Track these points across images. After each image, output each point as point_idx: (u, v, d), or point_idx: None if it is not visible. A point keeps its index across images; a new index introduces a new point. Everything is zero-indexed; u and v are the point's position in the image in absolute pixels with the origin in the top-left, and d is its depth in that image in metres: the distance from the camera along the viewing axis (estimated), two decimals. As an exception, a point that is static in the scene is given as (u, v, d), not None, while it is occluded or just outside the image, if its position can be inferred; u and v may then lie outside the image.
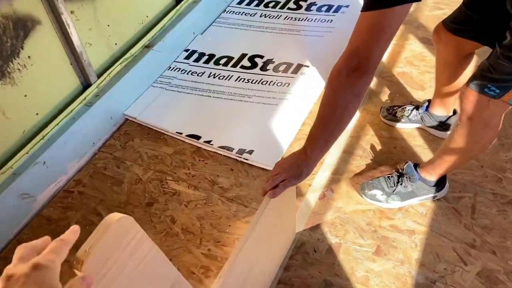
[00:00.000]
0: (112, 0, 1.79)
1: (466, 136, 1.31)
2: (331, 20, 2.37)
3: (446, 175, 1.57)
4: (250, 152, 1.76)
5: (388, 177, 1.60)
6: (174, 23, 2.10)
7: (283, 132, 1.84)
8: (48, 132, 1.62)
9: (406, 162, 1.60)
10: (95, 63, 1.79)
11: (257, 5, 2.52)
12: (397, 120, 1.84)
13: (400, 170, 1.61)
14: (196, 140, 1.83)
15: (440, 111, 1.75)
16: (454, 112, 1.77)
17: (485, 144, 1.34)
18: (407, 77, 2.06)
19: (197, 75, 2.12)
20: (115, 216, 0.67)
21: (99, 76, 1.81)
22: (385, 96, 1.99)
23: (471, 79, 1.23)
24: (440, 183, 1.56)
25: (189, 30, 2.23)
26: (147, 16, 2.01)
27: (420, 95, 1.96)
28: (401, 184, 1.56)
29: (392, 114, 1.85)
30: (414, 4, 1.05)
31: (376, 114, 1.90)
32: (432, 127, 1.80)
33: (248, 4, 2.53)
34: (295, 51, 2.21)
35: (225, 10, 2.49)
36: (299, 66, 2.12)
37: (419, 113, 1.80)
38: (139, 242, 0.73)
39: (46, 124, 1.64)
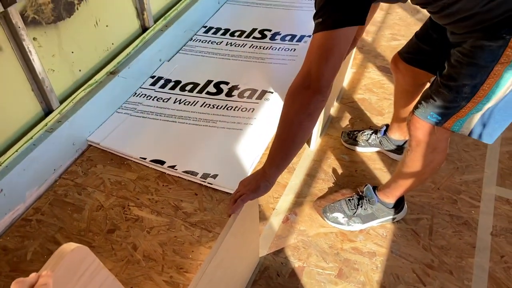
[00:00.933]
0: (77, 28, 1.80)
1: (416, 160, 1.37)
2: (295, 49, 2.45)
3: (404, 197, 1.62)
4: (215, 176, 1.77)
5: (349, 199, 1.65)
6: (140, 50, 2.12)
7: (247, 156, 1.86)
8: (6, 159, 1.58)
9: (366, 185, 1.65)
10: (58, 89, 1.77)
11: (223, 34, 2.58)
12: (357, 144, 1.91)
13: (360, 193, 1.66)
14: (160, 165, 1.82)
15: (397, 135, 1.83)
16: None
17: (434, 167, 1.40)
18: (367, 103, 2.14)
19: (163, 101, 2.14)
20: (70, 246, 0.66)
21: (61, 102, 1.79)
22: (346, 121, 2.06)
23: (415, 107, 1.31)
24: (398, 205, 1.61)
25: (156, 57, 2.25)
26: (112, 43, 2.02)
27: (379, 120, 2.04)
28: (361, 206, 1.61)
29: (352, 138, 1.93)
30: (371, 34, 1.13)
31: (337, 138, 1.96)
32: (391, 150, 1.87)
33: (215, 33, 2.59)
34: (259, 78, 2.26)
35: (192, 39, 2.54)
36: (264, 92, 2.17)
37: (378, 137, 1.88)
38: (94, 272, 0.72)
39: (4, 151, 1.60)
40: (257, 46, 2.49)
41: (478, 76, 1.13)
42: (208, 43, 2.52)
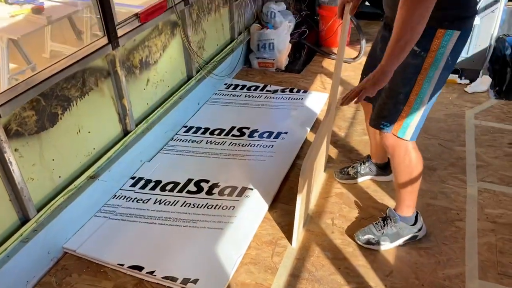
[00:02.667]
0: (59, 136, 1.85)
1: (399, 163, 1.74)
2: (272, 145, 2.55)
3: (420, 215, 1.89)
4: (195, 281, 1.72)
5: (376, 223, 1.90)
6: (121, 153, 2.17)
7: (228, 257, 1.83)
8: (-24, 274, 1.52)
9: (388, 208, 1.90)
10: (36, 197, 1.77)
11: (203, 132, 2.68)
12: (353, 178, 2.23)
13: (383, 215, 1.91)
14: (139, 272, 1.77)
15: (380, 159, 2.20)
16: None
17: (416, 164, 1.73)
18: (345, 197, 2.18)
19: (143, 202, 2.14)
20: None
21: (39, 210, 1.78)
22: (326, 215, 2.07)
23: (370, 121, 1.72)
24: (416, 222, 1.87)
25: (136, 158, 2.30)
26: (94, 148, 2.07)
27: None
28: (387, 226, 1.86)
29: (346, 174, 2.24)
30: (344, 130, 1.27)
31: (319, 234, 1.96)
32: (379, 174, 2.22)
33: (195, 132, 2.69)
34: (239, 175, 2.31)
35: (173, 138, 2.62)
36: (244, 189, 2.20)
37: (366, 166, 2.21)
38: None
39: (-25, 265, 1.54)
40: (236, 144, 2.58)
41: (407, 85, 1.55)
42: (188, 142, 2.60)
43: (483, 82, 2.97)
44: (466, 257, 1.81)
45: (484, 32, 2.89)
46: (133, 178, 2.28)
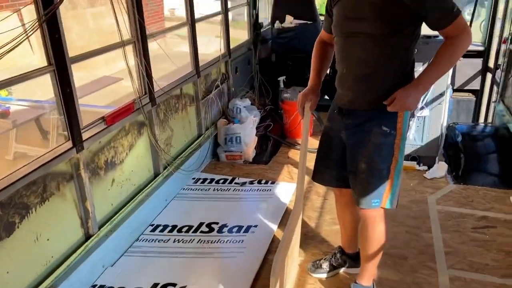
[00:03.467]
0: (15, 246, 1.75)
1: (373, 232, 1.86)
2: (242, 240, 2.49)
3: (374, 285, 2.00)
4: None
5: None
6: (82, 260, 2.06)
7: None
8: None
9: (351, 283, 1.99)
10: (-16, 316, 1.62)
11: (171, 230, 2.61)
12: (326, 271, 2.19)
13: None
14: None
15: (351, 250, 2.19)
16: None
17: (384, 232, 1.87)
18: (318, 294, 2.11)
19: (104, 313, 1.99)
20: None
21: (-14, 330, 1.61)
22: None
23: (359, 203, 1.80)
24: None
25: (98, 264, 2.18)
26: (52, 257, 1.96)
27: None
28: None
29: (319, 267, 2.21)
30: (314, 220, 1.56)
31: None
32: (351, 266, 2.18)
33: (162, 230, 2.61)
34: (209, 275, 2.21)
35: (138, 239, 2.53)
36: (213, 292, 2.10)
37: (338, 258, 2.19)
38: None
39: None
40: (205, 241, 2.51)
41: (387, 161, 1.73)
42: (155, 242, 2.51)
43: (440, 168, 3.11)
44: None
45: (434, 122, 3.10)
46: (93, 286, 2.14)
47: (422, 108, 3.05)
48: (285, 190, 3.05)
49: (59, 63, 1.89)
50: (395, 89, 1.64)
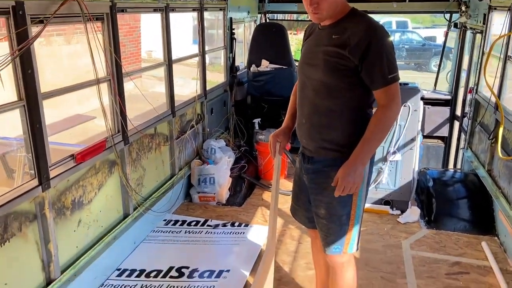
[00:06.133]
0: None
1: (343, 278, 1.84)
2: (214, 286, 2.40)
3: None
4: None
5: None
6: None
7: None
8: None
9: None
10: None
11: (138, 275, 2.48)
12: None
13: None
14: None
15: None
16: None
17: (353, 277, 1.87)
18: None
19: None
20: None
21: None
22: None
23: (323, 250, 1.80)
24: None
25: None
26: (7, 303, 1.82)
27: None
28: None
29: None
30: (288, 265, 2.31)
31: None
32: None
33: (129, 275, 2.47)
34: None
35: (103, 284, 2.38)
36: None
37: None
38: None
39: None
40: (174, 286, 2.40)
41: (347, 207, 1.72)
42: None
43: (413, 212, 3.14)
44: None
45: (406, 167, 3.16)
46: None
47: (394, 152, 3.11)
48: (259, 233, 2.99)
49: (30, 98, 1.84)
50: (352, 139, 1.65)
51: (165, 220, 3.13)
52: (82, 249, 2.31)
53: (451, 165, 4.35)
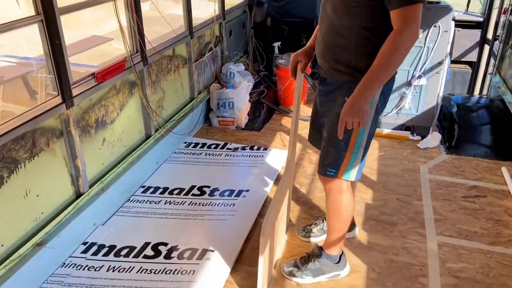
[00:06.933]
0: (3, 201, 1.72)
1: (332, 202, 1.84)
2: (234, 204, 2.49)
3: (345, 256, 1.98)
4: None
5: (302, 257, 1.98)
6: (73, 217, 2.04)
7: (188, 329, 1.70)
8: None
9: (315, 244, 1.99)
10: (-28, 270, 1.60)
11: (162, 192, 2.59)
12: (315, 236, 2.20)
13: (310, 252, 1.97)
14: None
15: None
16: None
17: (348, 204, 1.83)
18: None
19: (95, 270, 1.98)
20: None
21: (-25, 285, 1.60)
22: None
23: (318, 170, 1.81)
24: (341, 260, 1.94)
25: (89, 222, 2.17)
26: (42, 213, 1.93)
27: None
28: (311, 261, 1.93)
29: (309, 231, 2.22)
30: (305, 187, 1.24)
31: (283, 298, 1.87)
32: None
33: (153, 192, 2.59)
34: (200, 236, 2.22)
35: (129, 199, 2.51)
36: (204, 251, 2.10)
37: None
38: None
39: None
40: (196, 203, 2.51)
41: (346, 133, 1.60)
42: (146, 203, 2.49)
43: (434, 138, 3.11)
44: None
45: (430, 91, 3.07)
46: (84, 243, 2.13)
47: (419, 76, 3.01)
48: (277, 157, 3.03)
49: (48, 13, 1.80)
50: (365, 63, 1.53)
51: (185, 142, 3.19)
52: (108, 167, 2.40)
53: (477, 92, 4.22)
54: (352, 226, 2.18)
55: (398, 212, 2.42)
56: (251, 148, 3.16)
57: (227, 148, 3.15)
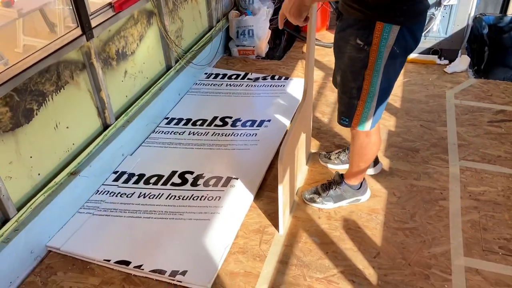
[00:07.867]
0: (36, 132, 1.79)
1: (358, 144, 1.82)
2: (256, 134, 2.53)
3: (366, 181, 2.00)
4: (184, 273, 1.71)
5: (323, 184, 2.04)
6: (102, 148, 2.12)
7: (216, 248, 1.82)
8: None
9: (336, 172, 2.04)
10: (15, 196, 1.72)
11: (185, 124, 2.64)
12: (336, 163, 2.24)
13: (331, 180, 2.02)
14: (126, 266, 1.74)
15: None
16: None
17: (373, 146, 1.83)
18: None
19: (127, 196, 2.10)
20: None
21: (19, 208, 1.73)
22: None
23: (337, 116, 1.78)
24: (361, 187, 1.98)
25: (118, 152, 2.26)
26: (73, 144, 2.02)
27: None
28: (332, 188, 1.98)
29: (329, 158, 2.27)
30: (327, 115, 1.22)
31: (306, 220, 1.96)
32: None
33: (177, 123, 2.65)
34: (224, 165, 2.29)
35: (154, 131, 2.57)
36: (229, 179, 2.19)
37: (347, 154, 2.22)
38: None
39: (-46, 269, 1.50)
40: (219, 134, 2.55)
41: (357, 80, 1.57)
42: (170, 134, 2.56)
43: (462, 61, 3.00)
44: (450, 236, 1.83)
45: (461, 12, 2.90)
46: (115, 172, 2.24)
47: (450, -6, 2.82)
48: (299, 86, 3.00)
49: None
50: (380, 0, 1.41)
51: (206, 73, 3.18)
52: (132, 99, 2.44)
53: (511, 11, 3.95)
54: (376, 161, 2.18)
55: (421, 138, 2.41)
56: (272, 77, 3.12)
57: (248, 78, 3.13)
